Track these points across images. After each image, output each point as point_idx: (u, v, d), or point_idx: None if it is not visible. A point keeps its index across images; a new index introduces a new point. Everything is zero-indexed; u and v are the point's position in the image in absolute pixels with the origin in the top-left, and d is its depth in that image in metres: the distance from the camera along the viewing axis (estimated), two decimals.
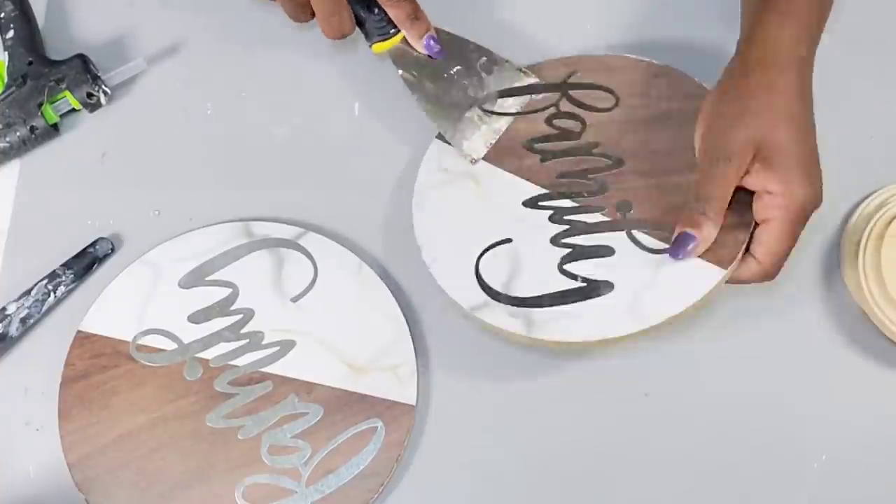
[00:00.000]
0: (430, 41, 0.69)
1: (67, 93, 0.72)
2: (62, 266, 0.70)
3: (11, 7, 0.74)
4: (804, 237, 0.69)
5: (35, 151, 0.74)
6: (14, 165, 0.74)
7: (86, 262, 0.70)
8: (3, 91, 0.72)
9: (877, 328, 0.67)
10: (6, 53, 0.73)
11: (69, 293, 0.70)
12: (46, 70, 0.72)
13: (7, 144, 0.72)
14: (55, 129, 0.74)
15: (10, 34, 0.73)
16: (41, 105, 0.72)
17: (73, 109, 0.73)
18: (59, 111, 0.73)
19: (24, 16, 0.74)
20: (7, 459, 0.67)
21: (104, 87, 0.73)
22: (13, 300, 0.69)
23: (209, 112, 0.75)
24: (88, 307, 0.69)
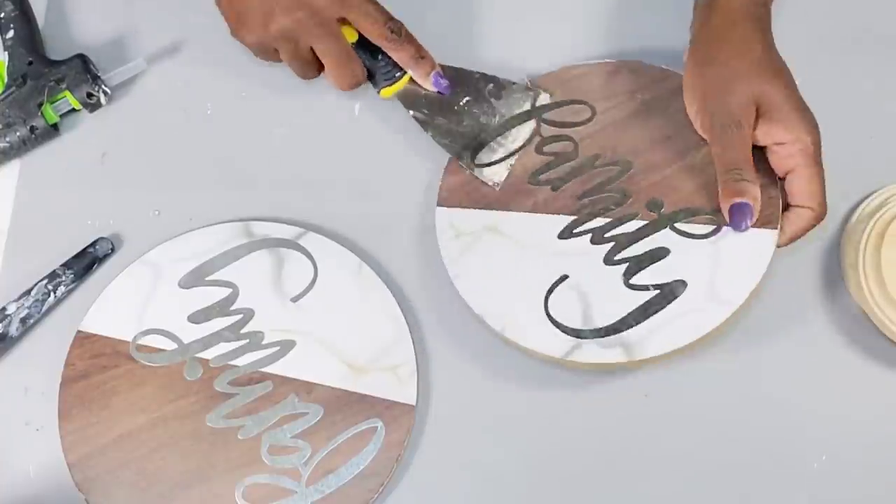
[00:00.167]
0: (438, 78, 0.70)
1: (67, 93, 0.72)
2: (62, 266, 0.70)
3: (11, 7, 0.74)
4: (805, 237, 0.69)
5: (35, 151, 0.74)
6: (14, 165, 0.74)
7: (86, 262, 0.70)
8: (3, 91, 0.72)
9: (877, 328, 0.67)
10: (6, 53, 0.73)
11: (69, 293, 0.70)
12: (46, 70, 0.72)
13: (7, 144, 0.72)
14: (55, 129, 0.74)
15: (10, 34, 0.73)
16: (41, 105, 0.72)
17: (73, 109, 0.73)
18: (59, 111, 0.73)
19: (24, 16, 0.74)
20: (7, 459, 0.67)
21: (104, 87, 0.73)
22: (13, 300, 0.69)
23: (209, 112, 0.75)
24: (88, 307, 0.69)
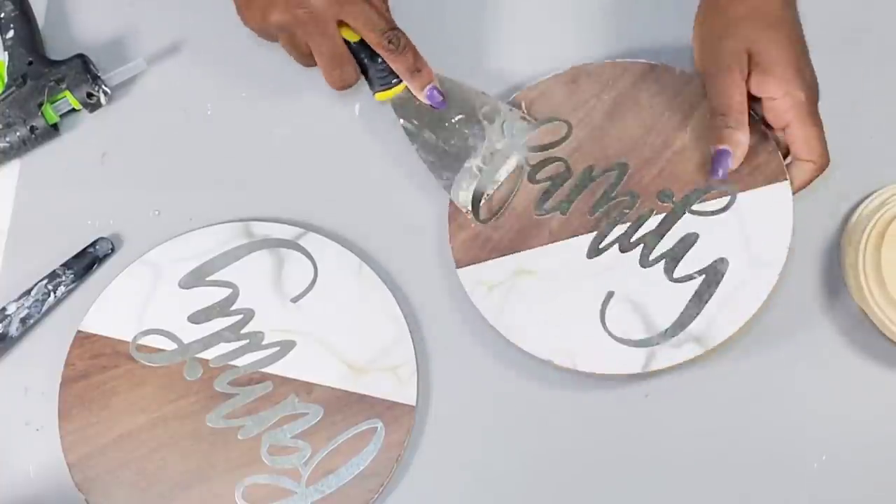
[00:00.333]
0: (433, 92, 0.69)
1: (67, 93, 0.72)
2: (62, 266, 0.70)
3: (11, 7, 0.74)
4: (804, 237, 0.69)
5: (35, 151, 0.74)
6: (14, 165, 0.74)
7: (86, 262, 0.70)
8: (3, 91, 0.72)
9: (877, 328, 0.67)
10: (6, 53, 0.73)
11: (69, 293, 0.70)
12: (46, 70, 0.72)
13: (7, 144, 0.72)
14: (55, 129, 0.74)
15: (10, 34, 0.73)
16: (41, 105, 0.72)
17: (73, 109, 0.73)
18: (59, 111, 0.73)
19: (24, 16, 0.74)
20: (7, 459, 0.67)
21: (104, 87, 0.73)
22: (13, 300, 0.69)
23: (209, 112, 0.75)
24: (88, 307, 0.69)
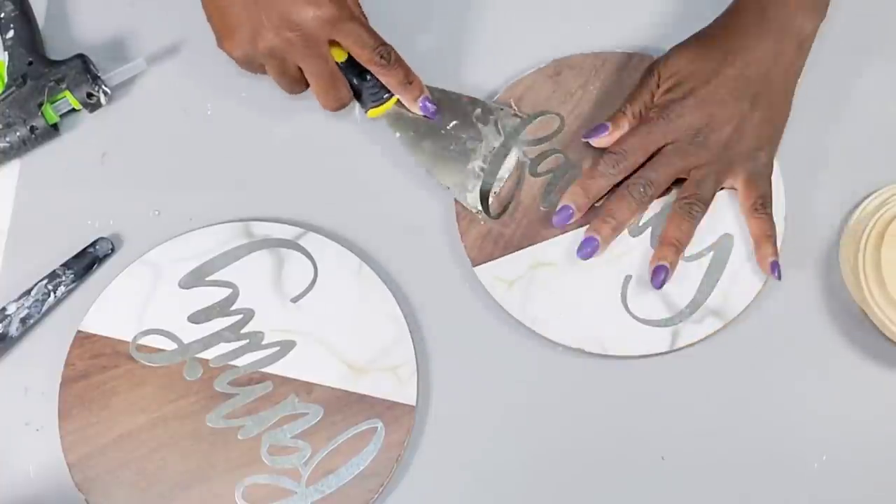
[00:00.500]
0: (426, 103, 0.69)
1: (67, 93, 0.72)
2: (62, 266, 0.70)
3: (11, 7, 0.74)
4: (804, 237, 0.69)
5: (35, 151, 0.74)
6: (14, 165, 0.74)
7: (86, 262, 0.70)
8: (3, 91, 0.72)
9: (877, 328, 0.67)
10: (6, 53, 0.73)
11: (69, 293, 0.70)
12: (46, 70, 0.72)
13: (7, 144, 0.72)
14: (55, 129, 0.74)
15: (10, 34, 0.73)
16: (41, 105, 0.72)
17: (73, 109, 0.73)
18: (59, 111, 0.73)
19: (24, 16, 0.74)
20: (7, 459, 0.67)
21: (104, 87, 0.73)
22: (13, 300, 0.69)
23: (209, 112, 0.75)
24: (88, 307, 0.69)
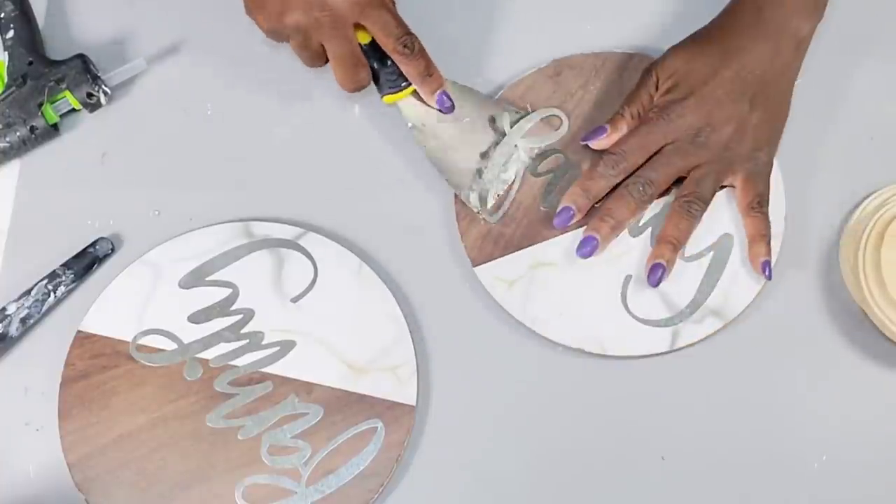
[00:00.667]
0: (443, 97, 0.69)
1: (67, 93, 0.72)
2: (62, 266, 0.70)
3: (11, 7, 0.74)
4: (804, 237, 0.69)
5: (35, 151, 0.74)
6: (14, 165, 0.74)
7: (86, 262, 0.70)
8: (3, 91, 0.72)
9: (877, 328, 0.67)
10: (6, 53, 0.73)
11: (69, 293, 0.70)
12: (46, 70, 0.72)
13: (7, 144, 0.72)
14: (55, 129, 0.74)
15: (10, 34, 0.73)
16: (41, 105, 0.72)
17: (73, 109, 0.73)
18: (59, 111, 0.73)
19: (24, 16, 0.74)
20: (7, 459, 0.67)
21: (104, 87, 0.73)
22: (13, 300, 0.69)
23: (209, 112, 0.75)
24: (88, 307, 0.69)
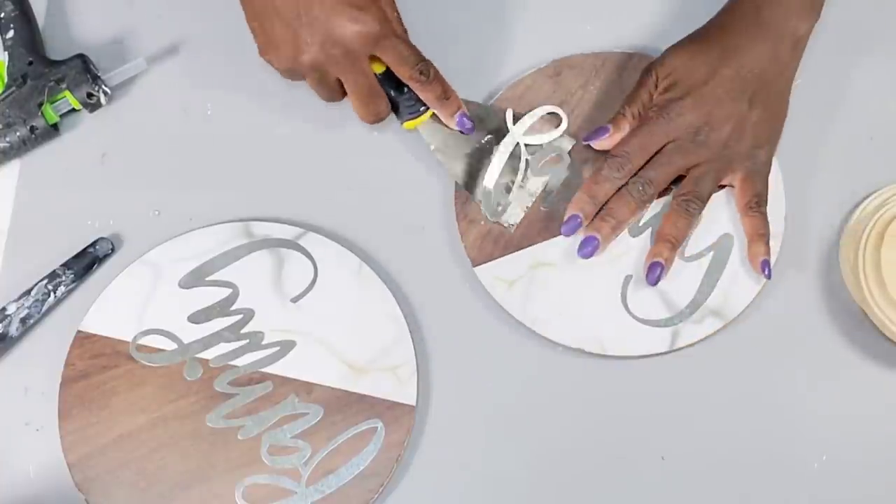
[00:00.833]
0: (462, 118, 0.69)
1: (67, 93, 0.72)
2: (62, 266, 0.70)
3: (11, 7, 0.74)
4: (804, 237, 0.69)
5: (35, 151, 0.74)
6: (14, 165, 0.74)
7: (86, 262, 0.70)
8: (3, 91, 0.72)
9: (877, 328, 0.67)
10: (6, 53, 0.73)
11: (69, 293, 0.70)
12: (46, 70, 0.72)
13: (7, 144, 0.72)
14: (55, 129, 0.74)
15: (10, 34, 0.73)
16: (41, 105, 0.72)
17: (73, 109, 0.73)
18: (59, 111, 0.73)
19: (24, 16, 0.74)
20: (7, 459, 0.67)
21: (104, 87, 0.73)
22: (13, 300, 0.69)
23: (209, 112, 0.75)
24: (88, 307, 0.69)
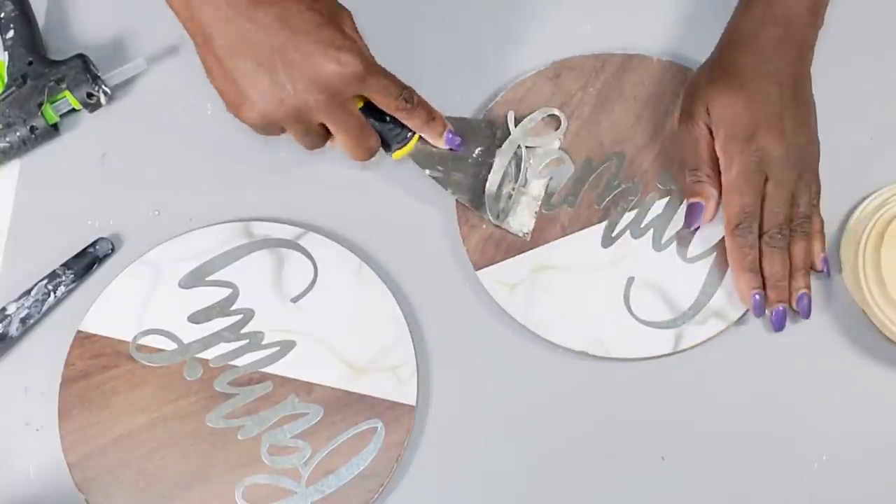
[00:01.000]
0: (450, 136, 0.68)
1: (67, 93, 0.72)
2: (62, 266, 0.70)
3: (11, 7, 0.74)
4: None
5: (35, 151, 0.74)
6: (14, 165, 0.74)
7: (86, 262, 0.70)
8: (3, 91, 0.72)
9: (877, 328, 0.67)
10: (6, 53, 0.73)
11: (69, 293, 0.70)
12: (46, 70, 0.72)
13: (7, 144, 0.72)
14: (55, 129, 0.74)
15: (10, 34, 0.73)
16: (41, 105, 0.72)
17: (73, 109, 0.73)
18: (59, 111, 0.73)
19: (24, 16, 0.74)
20: (7, 459, 0.67)
21: (104, 87, 0.73)
22: (13, 300, 0.69)
23: (209, 112, 0.75)
24: (88, 307, 0.69)
